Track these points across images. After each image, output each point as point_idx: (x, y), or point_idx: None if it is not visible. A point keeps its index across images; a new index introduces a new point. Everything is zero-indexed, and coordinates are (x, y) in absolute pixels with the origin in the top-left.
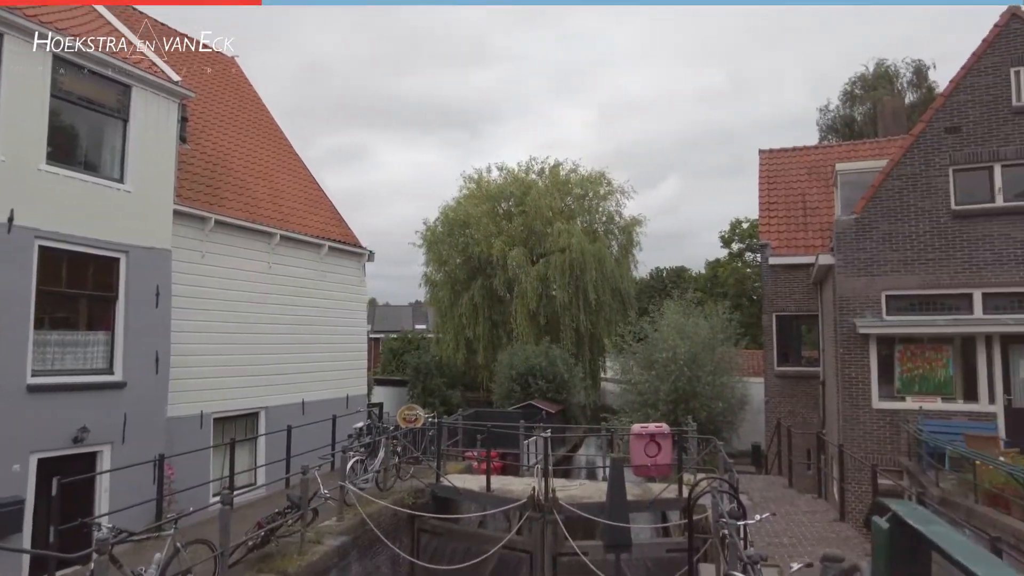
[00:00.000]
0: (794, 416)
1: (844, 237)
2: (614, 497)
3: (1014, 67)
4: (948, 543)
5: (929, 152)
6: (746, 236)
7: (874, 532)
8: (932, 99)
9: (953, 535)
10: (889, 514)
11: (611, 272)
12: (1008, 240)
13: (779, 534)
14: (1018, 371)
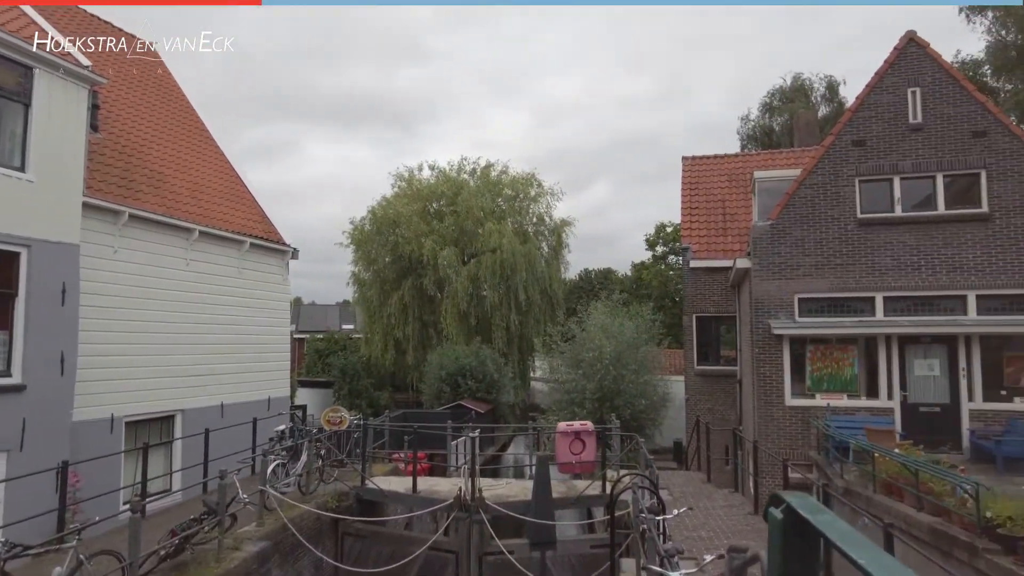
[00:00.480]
0: (713, 413)
1: (760, 242)
2: (539, 495)
3: (911, 87)
4: (831, 530)
5: (838, 163)
6: (670, 239)
7: (770, 523)
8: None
9: (836, 523)
10: (783, 505)
11: (541, 273)
12: (905, 247)
13: (697, 528)
14: (913, 369)
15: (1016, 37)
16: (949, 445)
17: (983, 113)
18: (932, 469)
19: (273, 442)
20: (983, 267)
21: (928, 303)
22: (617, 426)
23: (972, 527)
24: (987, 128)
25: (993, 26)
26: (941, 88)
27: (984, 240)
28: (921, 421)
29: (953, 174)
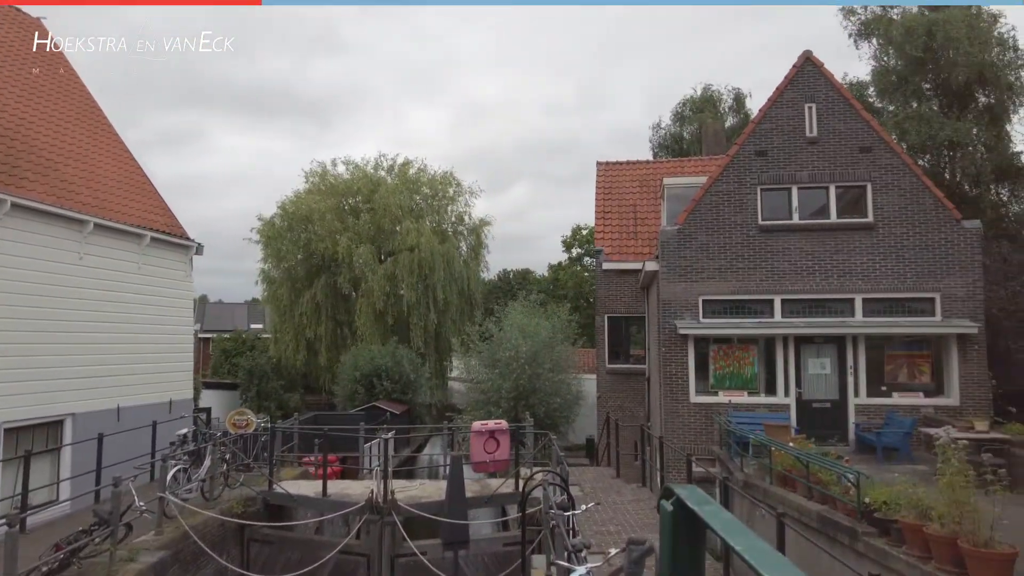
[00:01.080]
0: (623, 410)
1: (668, 246)
2: (453, 495)
3: (807, 103)
4: (714, 520)
5: (741, 172)
6: (585, 242)
7: (661, 515)
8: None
9: (720, 513)
10: (674, 498)
11: (460, 272)
12: (802, 253)
13: (606, 522)
14: (807, 367)
15: (896, 63)
16: (836, 438)
17: (869, 130)
18: (821, 461)
19: (174, 447)
20: (868, 272)
21: (821, 305)
22: (531, 424)
23: (853, 513)
24: (872, 144)
25: (877, 52)
26: (833, 105)
27: (870, 247)
28: (814, 416)
29: (844, 185)
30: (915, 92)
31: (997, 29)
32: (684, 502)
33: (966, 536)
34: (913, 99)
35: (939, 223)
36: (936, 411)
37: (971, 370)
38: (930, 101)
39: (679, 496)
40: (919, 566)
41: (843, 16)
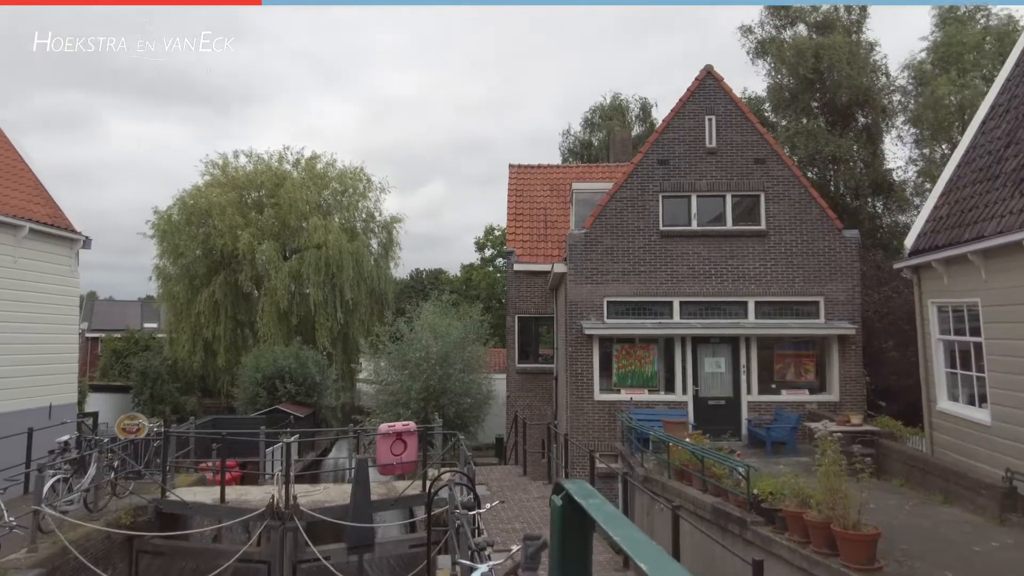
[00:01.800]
0: (531, 409)
1: (575, 249)
2: (358, 498)
3: (707, 115)
4: (598, 513)
5: (645, 179)
6: (498, 243)
7: (551, 509)
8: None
9: (604, 506)
10: (563, 492)
11: (369, 271)
12: (700, 258)
13: (512, 520)
14: (704, 366)
15: (789, 81)
16: (730, 433)
17: (763, 143)
18: (714, 455)
19: (54, 455)
20: (760, 277)
21: (717, 308)
22: (440, 425)
23: (743, 504)
24: (766, 157)
25: (772, 70)
26: (731, 118)
27: (762, 253)
28: (710, 412)
29: (739, 195)
30: (805, 109)
31: (873, 56)
32: (572, 496)
33: (838, 520)
34: (803, 115)
35: (823, 232)
36: (819, 407)
37: (849, 368)
38: (817, 118)
39: (568, 491)
40: (799, 550)
41: (741, 34)
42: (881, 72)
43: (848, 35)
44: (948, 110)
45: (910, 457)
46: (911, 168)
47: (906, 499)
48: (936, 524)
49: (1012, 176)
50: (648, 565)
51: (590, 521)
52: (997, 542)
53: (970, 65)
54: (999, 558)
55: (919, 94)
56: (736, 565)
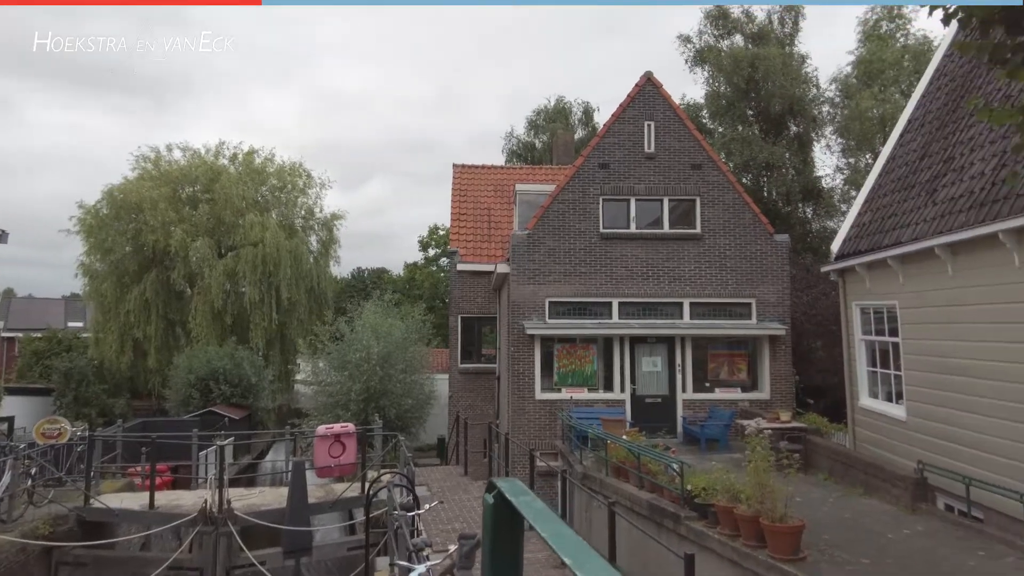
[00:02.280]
0: (474, 409)
1: (518, 249)
2: (295, 501)
3: (647, 121)
4: (528, 509)
5: (586, 182)
6: (442, 242)
7: (484, 508)
8: (594, 137)
9: (534, 503)
10: (495, 491)
11: (308, 270)
12: (638, 260)
13: (452, 520)
14: (641, 365)
15: (726, 89)
16: (665, 430)
17: (700, 149)
18: (650, 452)
19: None
20: (695, 279)
21: (654, 308)
22: (380, 426)
23: (677, 500)
24: (702, 162)
25: (709, 78)
26: (670, 124)
27: (697, 256)
28: (647, 410)
29: (676, 199)
30: (740, 117)
31: (804, 68)
32: (503, 494)
33: (766, 514)
34: (739, 123)
35: (756, 236)
36: (751, 404)
37: (780, 367)
38: (752, 126)
39: (500, 489)
40: (729, 543)
41: (680, 43)
42: (812, 84)
43: (782, 47)
44: (871, 122)
45: (834, 452)
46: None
47: (830, 492)
48: (856, 515)
49: (926, 186)
50: (571, 559)
51: (520, 518)
52: (909, 530)
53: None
54: (909, 545)
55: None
56: (672, 560)
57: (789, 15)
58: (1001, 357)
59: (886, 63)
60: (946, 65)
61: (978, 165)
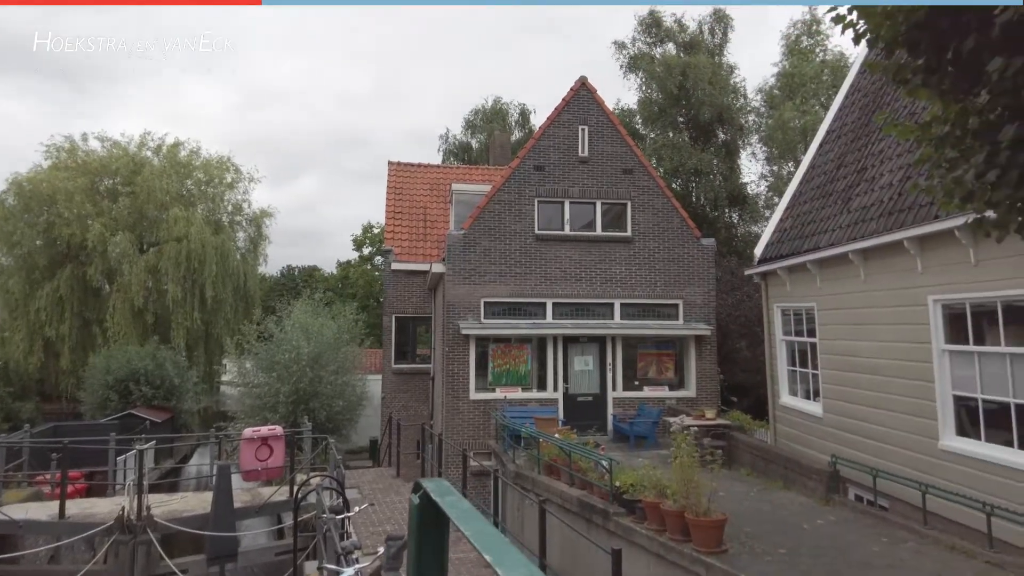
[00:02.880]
0: (407, 410)
1: (454, 249)
2: (219, 506)
3: (581, 125)
4: (453, 510)
5: (522, 184)
6: (376, 241)
7: (410, 508)
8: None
9: (459, 503)
10: (421, 491)
11: (235, 267)
12: (572, 261)
13: (383, 522)
14: (574, 365)
15: (658, 96)
16: (596, 428)
17: (631, 154)
18: (580, 450)
19: None
20: (626, 280)
21: (586, 309)
22: (309, 428)
23: (607, 496)
24: (634, 167)
25: (642, 85)
26: (603, 129)
27: (628, 259)
28: (579, 409)
29: (608, 202)
30: (671, 123)
31: (733, 79)
32: (429, 494)
33: (691, 509)
34: (670, 129)
35: (684, 240)
36: (678, 402)
37: (705, 366)
38: (682, 132)
39: (426, 489)
40: (656, 538)
41: (616, 49)
42: (740, 93)
43: (712, 56)
44: (793, 132)
45: (756, 448)
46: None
47: (752, 486)
48: (775, 507)
49: (841, 195)
50: (492, 556)
51: (445, 518)
52: (822, 520)
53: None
54: (822, 534)
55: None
56: (601, 555)
57: (719, 26)
58: (904, 356)
59: (807, 77)
60: (860, 81)
61: (887, 176)
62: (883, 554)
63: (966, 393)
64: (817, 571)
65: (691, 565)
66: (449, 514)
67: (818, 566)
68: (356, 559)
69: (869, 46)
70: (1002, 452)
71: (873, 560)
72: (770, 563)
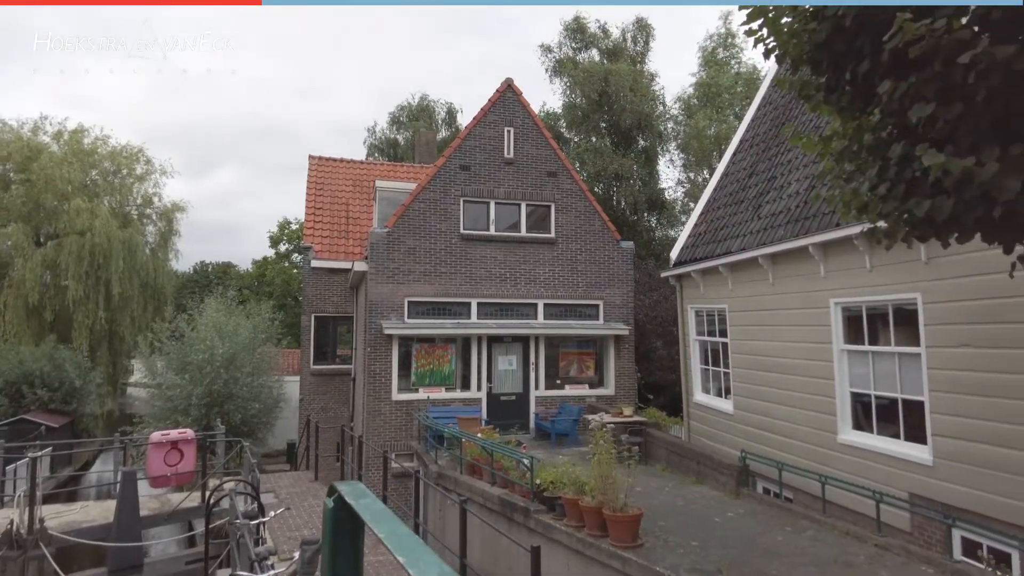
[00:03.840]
0: (327, 412)
1: (377, 247)
2: (124, 515)
3: (506, 126)
4: (367, 512)
5: (447, 183)
6: (294, 238)
7: (324, 512)
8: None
9: (373, 505)
10: (336, 494)
11: (144, 263)
12: (496, 261)
13: (300, 527)
14: (497, 364)
15: (581, 100)
16: (518, 426)
17: (555, 157)
18: (502, 449)
19: None
20: (549, 281)
21: (510, 309)
22: (223, 432)
23: (528, 494)
24: (558, 170)
25: (567, 88)
26: (528, 131)
27: (551, 260)
28: (502, 408)
29: (533, 204)
30: (594, 128)
31: (653, 86)
32: (343, 498)
33: (608, 504)
34: (593, 134)
35: (604, 242)
36: (597, 400)
37: (624, 365)
38: (605, 138)
39: (340, 492)
40: (575, 534)
41: (541, 52)
42: (660, 101)
43: (634, 64)
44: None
45: (671, 444)
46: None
47: (667, 481)
48: (688, 502)
49: (752, 202)
50: (404, 557)
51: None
52: (732, 512)
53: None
54: (732, 526)
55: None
56: (522, 553)
57: (641, 35)
58: (808, 356)
59: (722, 87)
60: (771, 94)
61: (794, 185)
62: (786, 543)
63: (861, 390)
64: (726, 560)
65: (608, 560)
66: (363, 517)
67: (727, 556)
68: (271, 565)
69: (778, 62)
70: (890, 444)
71: (778, 549)
72: (683, 555)
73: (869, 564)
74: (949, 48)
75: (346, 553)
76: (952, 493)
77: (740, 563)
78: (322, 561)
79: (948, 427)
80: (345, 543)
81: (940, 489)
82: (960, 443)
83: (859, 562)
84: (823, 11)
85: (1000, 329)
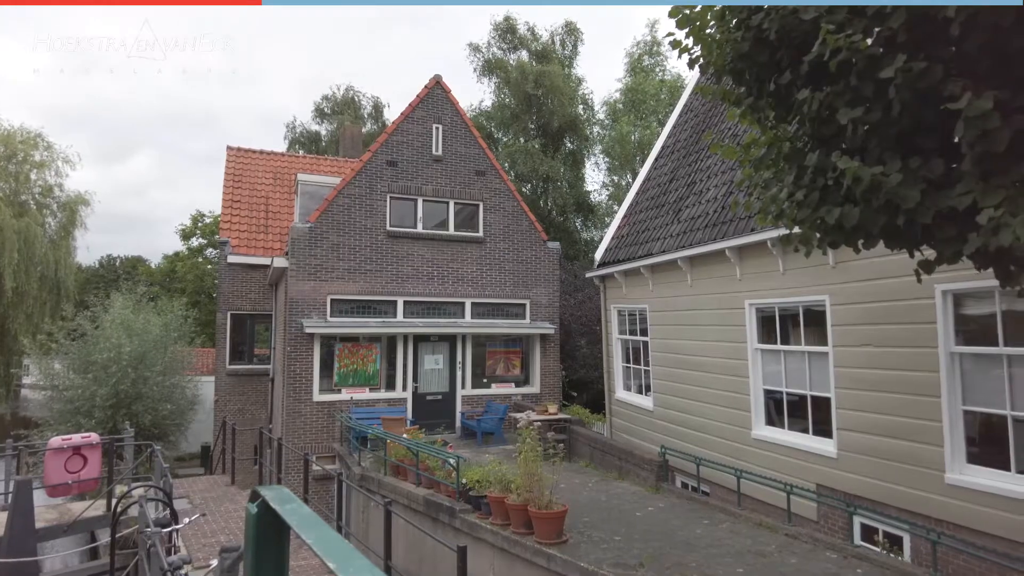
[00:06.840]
0: (243, 414)
1: (298, 243)
2: (16, 527)
3: (435, 123)
4: (293, 517)
5: (373, 179)
6: (208, 232)
7: (246, 518)
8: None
9: (300, 510)
10: (259, 500)
11: (43, 256)
12: (424, 260)
13: (216, 533)
14: (424, 363)
15: (511, 101)
16: (444, 426)
17: (484, 157)
18: (428, 448)
19: None
20: (477, 280)
21: (437, 308)
22: (131, 435)
23: (453, 493)
24: (486, 169)
25: (497, 88)
26: (457, 129)
27: (479, 259)
28: (428, 407)
29: (461, 202)
30: (524, 129)
31: (581, 90)
32: (268, 503)
33: (534, 502)
34: (522, 135)
35: (531, 242)
36: (523, 398)
37: (549, 363)
38: (534, 139)
39: (264, 498)
40: (500, 532)
41: (471, 51)
42: (588, 105)
43: (563, 67)
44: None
45: (594, 440)
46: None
47: (590, 477)
48: (611, 497)
49: (673, 206)
50: (334, 562)
51: (286, 527)
52: (653, 507)
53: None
54: (652, 520)
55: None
56: (448, 553)
57: (570, 38)
58: (724, 354)
59: (647, 94)
60: (692, 102)
61: (713, 191)
62: (704, 535)
63: (774, 387)
64: (647, 554)
65: (533, 557)
66: (289, 522)
67: (648, 549)
68: (186, 574)
69: (701, 71)
70: (800, 438)
71: (695, 541)
72: (606, 550)
73: (779, 553)
74: (864, 62)
75: (271, 560)
76: (853, 483)
77: (661, 556)
78: (245, 569)
79: (851, 421)
80: (270, 550)
81: (843, 479)
82: (860, 436)
83: (770, 551)
84: (747, 22)
85: (897, 329)
